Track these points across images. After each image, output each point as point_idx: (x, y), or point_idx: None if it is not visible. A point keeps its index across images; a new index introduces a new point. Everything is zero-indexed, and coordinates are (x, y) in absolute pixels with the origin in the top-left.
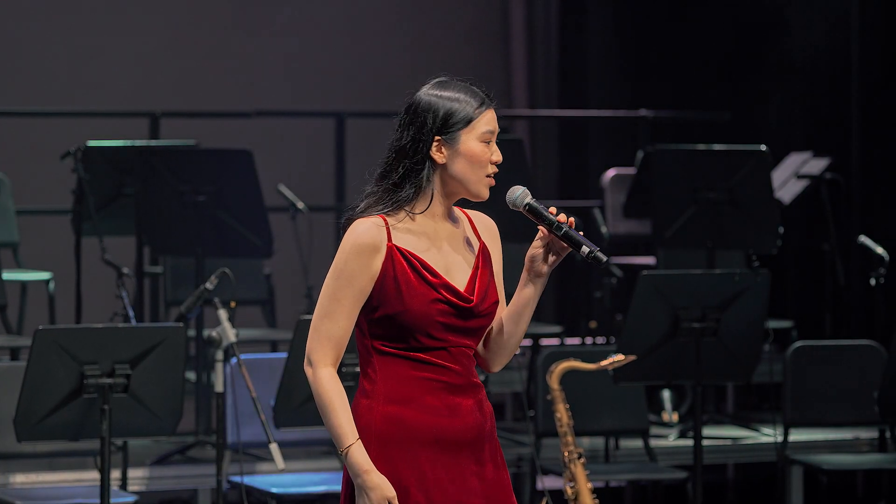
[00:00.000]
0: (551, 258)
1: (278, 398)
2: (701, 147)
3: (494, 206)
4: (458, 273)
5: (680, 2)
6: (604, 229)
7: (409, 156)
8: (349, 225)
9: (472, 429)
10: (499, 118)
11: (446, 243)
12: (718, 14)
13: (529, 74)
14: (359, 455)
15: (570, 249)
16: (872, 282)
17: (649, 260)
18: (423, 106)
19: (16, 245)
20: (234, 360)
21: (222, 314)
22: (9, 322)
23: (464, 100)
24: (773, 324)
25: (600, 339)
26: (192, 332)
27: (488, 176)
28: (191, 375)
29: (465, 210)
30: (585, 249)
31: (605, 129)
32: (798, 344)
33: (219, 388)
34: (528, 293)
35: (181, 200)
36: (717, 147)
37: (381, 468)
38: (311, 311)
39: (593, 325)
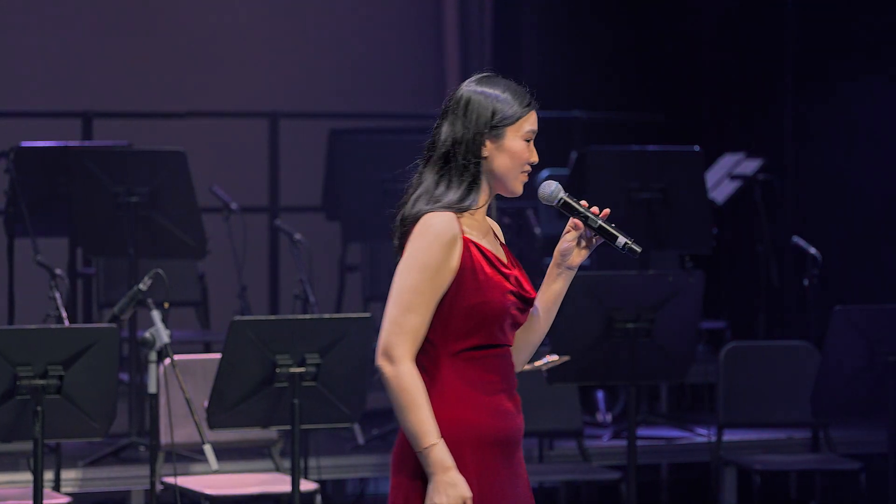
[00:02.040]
0: (583, 251)
1: (212, 399)
2: (634, 148)
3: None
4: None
5: (613, 4)
6: (537, 230)
7: (467, 151)
8: (414, 221)
9: (521, 429)
10: (430, 117)
11: (492, 238)
12: (652, 16)
13: (463, 73)
14: (443, 451)
15: (602, 241)
16: (806, 282)
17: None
18: (474, 101)
19: None
20: (167, 362)
21: (155, 315)
22: None
23: (512, 98)
24: (706, 324)
25: None
26: (125, 334)
27: (523, 173)
28: (124, 377)
29: None
30: (622, 241)
31: (539, 130)
32: (732, 344)
33: (152, 389)
34: (559, 287)
35: (114, 201)
36: (650, 148)
37: None
38: (244, 312)
39: None
